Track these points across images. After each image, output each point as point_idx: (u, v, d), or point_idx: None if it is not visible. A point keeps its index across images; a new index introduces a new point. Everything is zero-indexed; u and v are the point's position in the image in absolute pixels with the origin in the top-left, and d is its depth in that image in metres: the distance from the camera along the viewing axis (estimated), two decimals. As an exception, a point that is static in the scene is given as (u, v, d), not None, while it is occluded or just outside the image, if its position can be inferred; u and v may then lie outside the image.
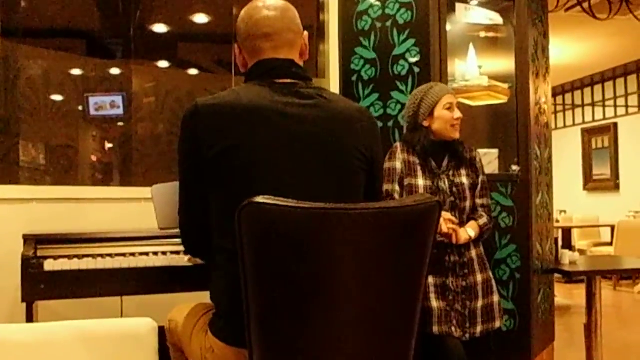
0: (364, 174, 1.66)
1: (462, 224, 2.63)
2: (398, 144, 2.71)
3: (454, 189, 2.63)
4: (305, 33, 1.73)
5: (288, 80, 1.63)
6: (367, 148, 1.66)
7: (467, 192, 2.66)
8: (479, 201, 2.71)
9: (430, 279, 2.55)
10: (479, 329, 2.58)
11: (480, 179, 2.73)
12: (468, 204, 2.66)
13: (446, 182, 2.63)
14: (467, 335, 2.55)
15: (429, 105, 2.66)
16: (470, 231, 2.60)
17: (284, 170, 1.53)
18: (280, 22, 1.66)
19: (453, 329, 2.52)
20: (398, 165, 2.65)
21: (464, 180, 2.67)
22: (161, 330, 1.83)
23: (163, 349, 1.80)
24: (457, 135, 2.66)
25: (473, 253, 2.65)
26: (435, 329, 2.50)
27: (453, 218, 2.53)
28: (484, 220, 2.67)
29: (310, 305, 1.32)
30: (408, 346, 1.45)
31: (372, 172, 1.71)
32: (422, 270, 1.42)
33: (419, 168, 2.64)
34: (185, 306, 1.89)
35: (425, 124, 2.67)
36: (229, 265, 1.51)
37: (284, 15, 1.67)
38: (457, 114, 2.65)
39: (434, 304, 2.52)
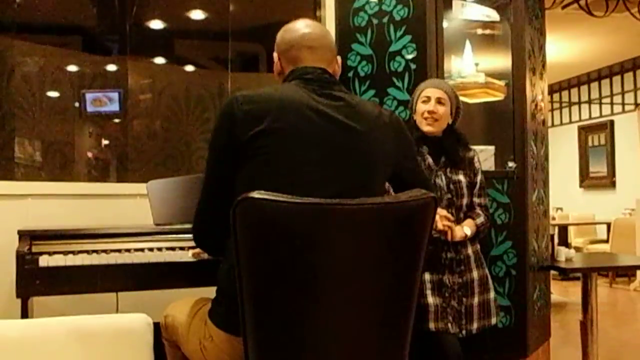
0: (386, 175, 1.76)
1: (458, 221, 2.63)
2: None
3: (451, 186, 2.63)
4: (339, 57, 1.88)
5: (322, 83, 1.73)
6: (392, 150, 1.76)
7: (465, 190, 2.65)
8: (477, 200, 2.71)
9: (427, 276, 2.55)
10: (475, 325, 2.59)
11: (478, 178, 2.72)
12: (465, 201, 2.66)
13: (443, 179, 2.63)
14: (464, 332, 2.55)
15: (414, 98, 2.75)
16: (466, 229, 2.60)
17: (311, 160, 1.60)
18: (323, 40, 1.83)
19: (449, 325, 2.52)
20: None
21: (461, 177, 2.66)
22: (156, 326, 1.83)
23: (158, 345, 1.80)
24: (431, 130, 2.64)
25: (469, 250, 2.65)
26: (432, 325, 2.50)
27: (449, 215, 2.53)
28: (481, 219, 2.67)
29: (304, 300, 1.32)
30: (403, 341, 1.45)
31: (405, 169, 1.82)
32: (418, 265, 1.42)
33: (416, 165, 2.64)
34: (182, 301, 1.90)
35: (414, 117, 2.71)
36: None
37: (326, 35, 1.87)
38: (430, 107, 2.63)
39: (430, 300, 2.52)
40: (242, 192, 1.57)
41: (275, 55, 1.86)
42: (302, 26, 1.82)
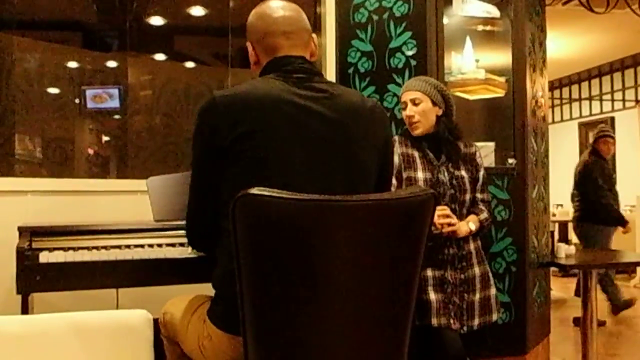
0: (374, 165, 1.70)
1: (462, 216, 2.64)
2: (396, 137, 2.71)
3: (454, 182, 2.63)
4: (314, 35, 1.80)
5: (302, 75, 1.67)
6: (377, 139, 1.71)
7: (467, 185, 2.65)
8: (479, 196, 2.71)
9: (429, 272, 2.55)
10: (476, 321, 2.59)
11: (480, 173, 2.72)
12: (468, 196, 2.66)
13: (446, 175, 2.63)
14: (465, 328, 2.56)
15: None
16: (471, 224, 2.60)
17: (296, 159, 1.57)
18: (298, 22, 1.75)
19: (451, 321, 2.52)
20: (395, 159, 2.65)
21: (464, 173, 2.66)
22: (156, 322, 1.83)
23: (158, 341, 1.80)
24: (418, 132, 2.65)
25: (471, 246, 2.65)
26: (434, 320, 2.50)
27: (449, 212, 2.53)
28: (484, 215, 2.67)
29: (304, 297, 1.32)
30: (403, 337, 1.45)
31: (383, 162, 1.75)
32: (417, 262, 1.42)
33: (418, 161, 2.64)
34: (180, 298, 1.89)
35: None
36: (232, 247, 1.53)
37: (300, 16, 1.76)
38: (408, 111, 2.65)
39: (432, 296, 2.52)
40: (228, 197, 1.57)
41: (248, 44, 1.77)
42: (274, 9, 1.73)
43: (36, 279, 1.98)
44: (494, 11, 3.51)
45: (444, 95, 2.67)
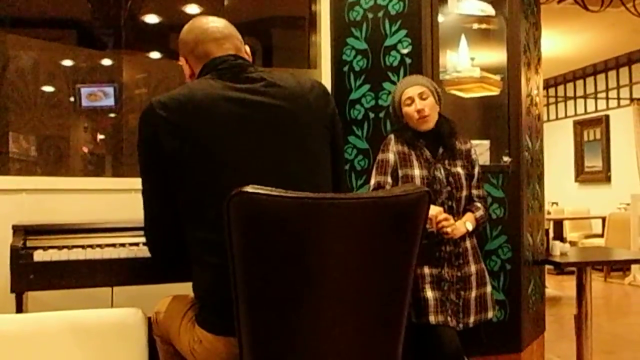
0: (326, 145, 1.71)
1: (459, 213, 2.64)
2: (392, 136, 2.72)
3: (450, 179, 2.63)
4: (247, 47, 1.83)
5: (235, 69, 1.68)
6: (323, 120, 1.71)
7: (464, 182, 2.66)
8: (475, 192, 2.72)
9: (426, 270, 2.56)
10: (472, 319, 2.60)
11: (476, 170, 2.73)
12: (464, 193, 2.66)
13: (442, 172, 2.63)
14: (461, 326, 2.56)
15: (396, 104, 2.73)
16: (468, 224, 2.61)
17: (248, 154, 1.56)
18: (227, 30, 1.78)
19: (449, 318, 2.53)
20: (391, 157, 2.65)
21: (460, 170, 2.67)
22: (150, 321, 1.83)
23: (151, 339, 1.80)
24: (427, 127, 2.64)
25: (467, 244, 2.66)
26: (432, 318, 2.51)
27: (443, 214, 2.52)
28: (480, 212, 2.68)
29: (299, 295, 1.32)
30: (397, 335, 1.45)
31: (333, 136, 1.74)
32: (411, 260, 1.42)
33: (414, 158, 2.64)
34: (171, 298, 1.89)
35: (403, 120, 2.70)
36: (209, 256, 1.53)
37: (230, 26, 1.80)
38: (418, 105, 2.62)
39: (429, 294, 2.53)
40: (190, 206, 1.56)
41: (182, 60, 1.80)
42: (203, 22, 1.77)
43: (30, 277, 1.97)
44: (489, 9, 3.52)
45: (439, 92, 2.71)
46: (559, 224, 8.19)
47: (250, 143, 1.57)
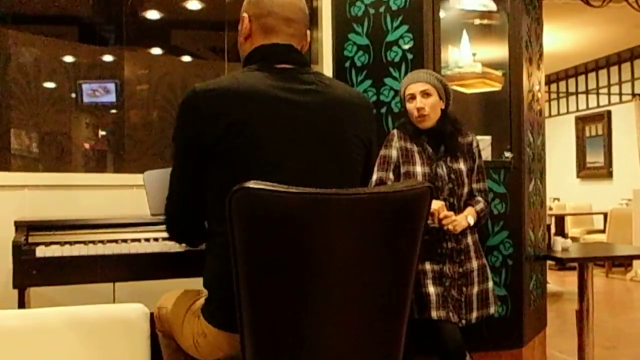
0: (361, 158, 1.69)
1: (460, 210, 2.64)
2: (395, 132, 2.71)
3: (452, 175, 2.63)
4: (308, 32, 1.76)
5: (287, 66, 1.64)
6: (364, 133, 1.69)
7: (465, 178, 2.65)
8: (475, 185, 2.71)
9: (428, 266, 2.56)
10: (474, 314, 2.60)
11: (477, 163, 2.72)
12: (466, 190, 2.66)
13: (444, 168, 2.63)
14: (463, 322, 2.56)
15: (400, 96, 2.74)
16: (470, 219, 2.60)
17: (283, 154, 1.54)
18: (301, 12, 1.70)
19: (450, 314, 2.53)
20: (394, 153, 2.65)
21: (462, 166, 2.66)
22: (153, 316, 1.83)
23: (154, 335, 1.80)
24: (426, 126, 2.64)
25: (469, 240, 2.65)
26: (434, 313, 2.51)
27: (444, 211, 2.52)
28: (480, 205, 2.67)
29: (301, 290, 1.32)
30: (400, 330, 1.45)
31: (367, 156, 1.73)
32: (414, 255, 1.42)
33: (416, 155, 2.64)
34: (174, 293, 1.89)
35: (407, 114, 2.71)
36: (222, 249, 1.52)
37: (305, 8, 1.72)
38: (419, 103, 2.61)
39: (431, 289, 2.53)
40: (214, 197, 1.56)
41: (245, 15, 1.69)
42: None
43: (33, 273, 1.97)
44: (490, 5, 3.51)
45: (446, 89, 2.68)
46: (560, 220, 8.18)
47: (290, 144, 1.54)
